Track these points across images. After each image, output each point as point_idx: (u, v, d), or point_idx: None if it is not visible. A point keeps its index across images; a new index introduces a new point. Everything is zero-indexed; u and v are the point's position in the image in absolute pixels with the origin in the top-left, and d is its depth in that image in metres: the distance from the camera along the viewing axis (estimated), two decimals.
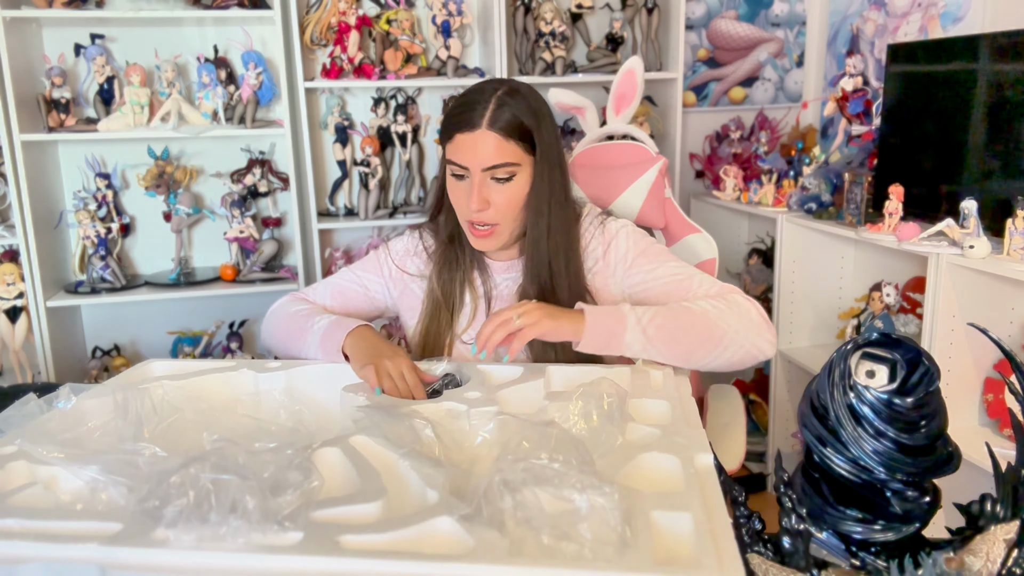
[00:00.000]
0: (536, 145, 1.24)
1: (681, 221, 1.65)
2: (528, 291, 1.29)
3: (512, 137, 1.22)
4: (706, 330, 1.14)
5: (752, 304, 1.20)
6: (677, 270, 1.27)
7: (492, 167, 1.21)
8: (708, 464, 0.84)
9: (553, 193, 1.27)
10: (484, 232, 1.26)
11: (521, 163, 1.23)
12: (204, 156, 2.43)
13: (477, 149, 1.21)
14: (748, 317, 1.17)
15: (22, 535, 0.73)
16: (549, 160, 1.26)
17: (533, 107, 1.25)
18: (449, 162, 1.25)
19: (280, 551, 0.69)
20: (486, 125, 1.21)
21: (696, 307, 1.17)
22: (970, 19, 2.06)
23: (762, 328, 1.18)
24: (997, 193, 1.71)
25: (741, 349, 1.16)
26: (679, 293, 1.24)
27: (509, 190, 1.24)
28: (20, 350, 2.25)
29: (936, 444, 0.81)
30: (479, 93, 1.24)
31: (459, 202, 1.27)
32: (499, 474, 0.73)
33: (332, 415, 1.11)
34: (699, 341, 1.14)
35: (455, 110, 1.25)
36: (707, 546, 0.67)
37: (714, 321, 1.15)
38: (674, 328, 1.14)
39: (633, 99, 1.87)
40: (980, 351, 1.69)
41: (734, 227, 2.80)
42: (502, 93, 1.23)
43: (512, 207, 1.25)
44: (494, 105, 1.21)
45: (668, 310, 1.17)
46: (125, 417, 0.98)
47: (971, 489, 0.86)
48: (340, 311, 1.38)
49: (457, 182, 1.26)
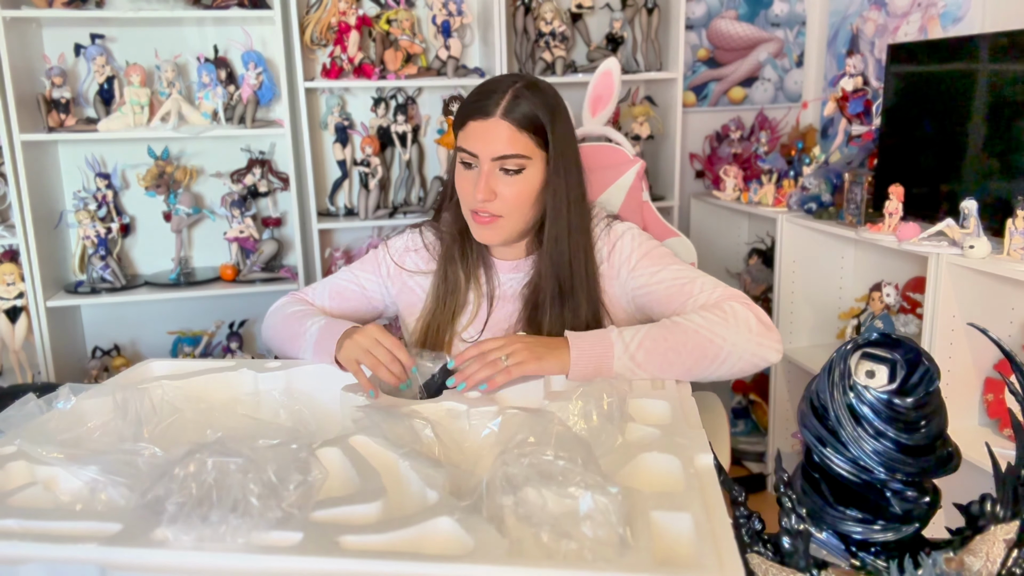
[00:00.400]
0: (549, 141, 1.24)
1: (659, 224, 1.63)
2: (546, 290, 1.28)
3: (525, 130, 1.21)
4: (699, 347, 1.11)
5: (752, 311, 1.16)
6: (679, 274, 1.25)
7: (502, 157, 1.21)
8: (708, 464, 0.84)
9: (571, 191, 1.27)
10: (486, 220, 1.25)
11: (532, 157, 1.23)
12: (204, 156, 2.43)
13: (488, 137, 1.21)
14: (747, 326, 1.13)
15: (22, 535, 0.73)
16: (565, 157, 1.26)
17: (550, 103, 1.25)
18: (460, 149, 1.25)
19: (280, 551, 0.69)
20: (500, 114, 1.21)
21: (689, 323, 1.13)
22: (970, 19, 2.06)
23: (763, 335, 1.14)
24: (997, 193, 1.71)
25: (741, 360, 1.12)
26: (680, 298, 1.22)
27: (517, 184, 1.23)
28: (20, 350, 2.25)
29: (936, 444, 0.81)
30: (497, 83, 1.25)
31: (466, 191, 1.26)
32: (504, 468, 0.73)
33: (332, 415, 1.11)
34: (694, 359, 1.11)
35: (471, 98, 1.25)
36: (707, 546, 0.67)
37: (708, 337, 1.11)
38: (665, 350, 1.10)
39: (610, 101, 1.83)
40: (980, 351, 1.69)
41: (734, 227, 2.80)
42: (520, 86, 1.23)
43: (519, 202, 1.24)
44: (510, 96, 1.22)
45: (658, 331, 1.12)
46: (125, 417, 0.98)
47: (971, 489, 0.86)
48: (338, 312, 1.37)
49: (465, 171, 1.26)
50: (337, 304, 1.38)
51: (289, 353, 1.28)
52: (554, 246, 1.27)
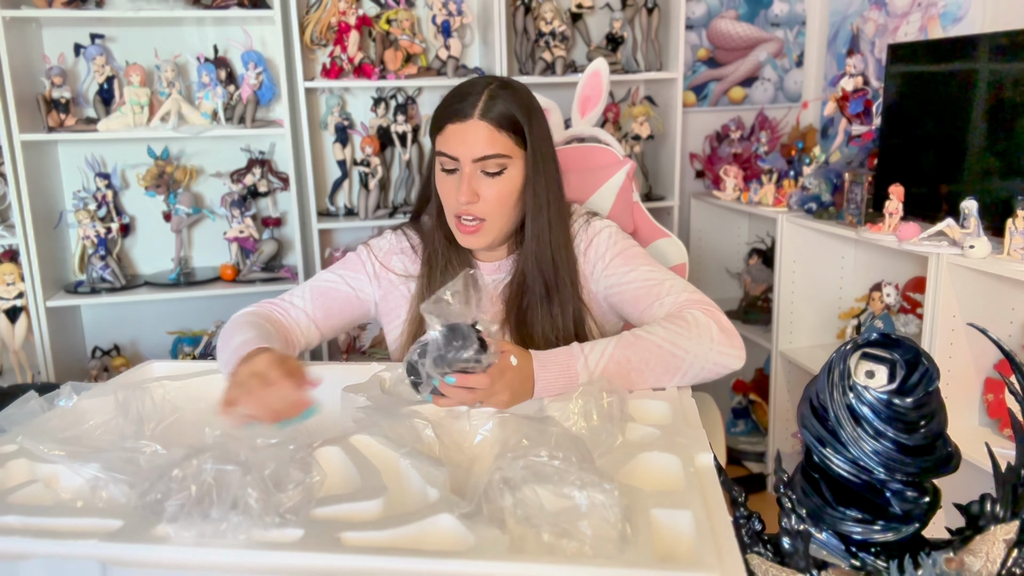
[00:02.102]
0: (528, 140, 1.24)
1: (650, 225, 1.62)
2: (533, 289, 1.28)
3: (504, 129, 1.21)
4: (662, 362, 1.10)
5: (713, 318, 1.15)
6: (650, 275, 1.25)
7: (483, 158, 1.21)
8: (708, 464, 0.84)
9: (550, 188, 1.27)
10: (472, 227, 1.24)
11: (512, 156, 1.23)
12: (204, 156, 2.43)
13: (468, 139, 1.20)
14: (708, 335, 1.13)
15: (23, 532, 0.73)
16: (543, 155, 1.26)
17: (525, 102, 1.25)
18: (439, 154, 1.24)
19: (281, 548, 0.69)
20: (478, 115, 1.20)
21: (652, 337, 1.12)
22: (970, 19, 2.06)
23: (724, 344, 1.13)
24: (997, 193, 1.71)
25: (703, 370, 1.12)
26: (647, 299, 1.22)
27: (499, 184, 1.23)
28: (20, 350, 2.25)
29: (936, 444, 0.81)
30: (471, 86, 1.24)
31: (448, 196, 1.25)
32: (499, 472, 0.73)
33: (332, 415, 1.11)
34: (656, 375, 1.11)
35: (446, 102, 1.25)
36: (707, 543, 0.68)
37: (670, 351, 1.11)
38: (627, 371, 1.09)
39: (599, 101, 1.81)
40: (980, 351, 1.69)
41: (734, 227, 2.80)
42: (495, 86, 1.23)
43: (502, 202, 1.24)
44: (486, 96, 1.21)
45: (621, 352, 1.10)
46: (126, 416, 0.98)
47: (971, 489, 0.87)
48: (322, 314, 1.32)
49: (447, 176, 1.25)
50: (321, 306, 1.32)
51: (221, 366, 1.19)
52: (537, 243, 1.27)
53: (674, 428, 0.94)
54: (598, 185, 1.60)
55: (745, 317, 2.58)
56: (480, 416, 1.00)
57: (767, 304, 2.53)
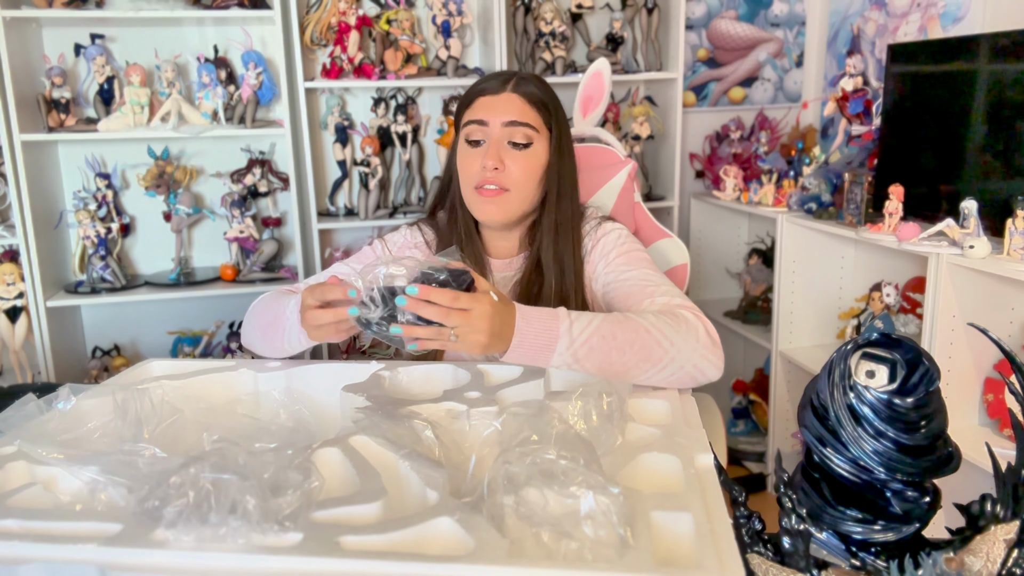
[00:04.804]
0: (553, 124, 1.30)
1: (651, 226, 1.62)
2: (548, 284, 1.30)
3: (534, 105, 1.28)
4: (645, 348, 1.06)
5: (702, 323, 1.12)
6: (647, 277, 1.24)
7: (513, 123, 1.25)
8: (708, 464, 0.84)
9: (570, 177, 1.33)
10: (492, 192, 1.26)
11: (540, 131, 1.28)
12: (204, 156, 2.43)
13: (499, 106, 1.27)
14: (695, 337, 1.09)
15: (21, 536, 0.72)
16: (566, 143, 1.33)
17: (550, 92, 1.34)
18: (467, 123, 1.28)
19: (280, 552, 0.69)
20: (510, 89, 1.28)
21: (643, 321, 1.08)
22: (970, 19, 2.06)
23: (708, 350, 1.09)
24: (997, 193, 1.71)
25: (681, 370, 1.07)
26: (639, 296, 1.21)
27: (525, 158, 1.26)
28: (20, 350, 2.25)
29: (936, 444, 0.81)
30: (500, 72, 1.33)
31: (472, 167, 1.27)
32: (506, 466, 0.73)
33: (332, 415, 1.11)
34: (636, 361, 1.06)
35: (476, 84, 1.32)
36: (707, 546, 0.67)
37: (657, 339, 1.06)
38: (609, 349, 1.04)
39: (600, 101, 1.81)
40: (980, 351, 1.69)
41: (734, 227, 2.80)
42: (523, 73, 1.33)
43: (526, 177, 1.27)
44: (517, 78, 1.31)
45: (609, 326, 1.06)
46: (125, 418, 0.98)
47: (971, 489, 0.87)
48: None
49: (471, 150, 1.27)
50: None
51: (271, 339, 1.20)
52: (551, 235, 1.30)
53: (674, 428, 0.94)
54: (600, 185, 1.60)
55: (745, 317, 2.58)
56: (480, 417, 1.00)
57: (767, 304, 2.53)
